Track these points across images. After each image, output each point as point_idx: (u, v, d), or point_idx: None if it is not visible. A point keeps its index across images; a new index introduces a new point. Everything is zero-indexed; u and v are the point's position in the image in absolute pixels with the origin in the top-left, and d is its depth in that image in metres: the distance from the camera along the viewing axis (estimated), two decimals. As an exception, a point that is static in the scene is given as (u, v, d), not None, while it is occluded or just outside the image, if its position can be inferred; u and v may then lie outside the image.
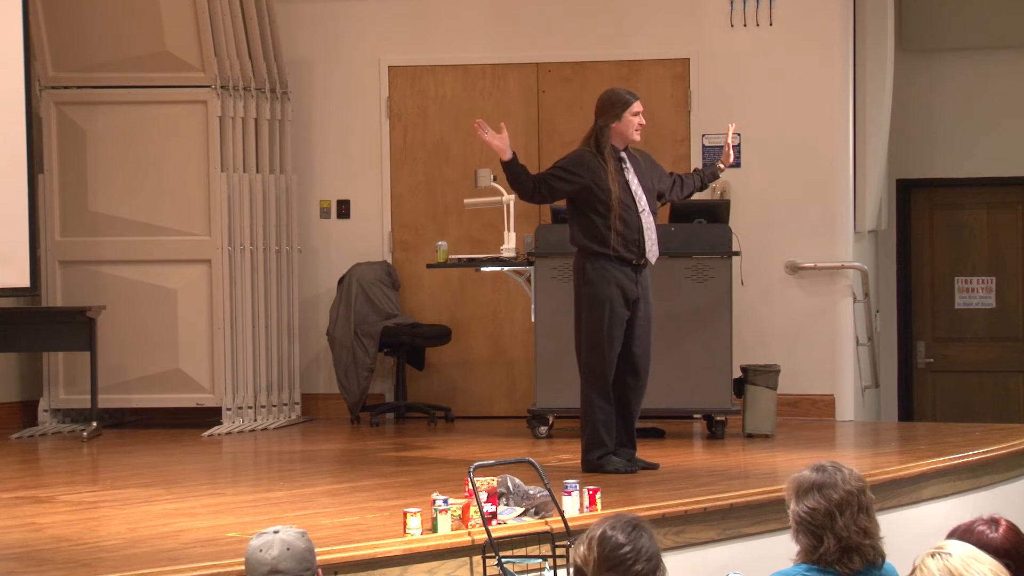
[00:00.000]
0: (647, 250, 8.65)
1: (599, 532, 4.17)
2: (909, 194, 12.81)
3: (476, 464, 6.62)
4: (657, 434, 10.28)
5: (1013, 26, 12.45)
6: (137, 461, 9.72)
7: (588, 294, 8.63)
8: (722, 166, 9.14)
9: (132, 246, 11.10)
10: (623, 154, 8.73)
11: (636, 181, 8.69)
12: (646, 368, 8.73)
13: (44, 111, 11.12)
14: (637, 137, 8.73)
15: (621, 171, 8.67)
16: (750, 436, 10.15)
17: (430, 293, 11.91)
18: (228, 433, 10.85)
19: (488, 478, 6.76)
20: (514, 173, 8.70)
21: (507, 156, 8.61)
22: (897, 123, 12.17)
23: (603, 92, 8.86)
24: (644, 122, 8.76)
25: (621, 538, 4.14)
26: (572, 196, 8.70)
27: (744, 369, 10.33)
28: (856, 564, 4.62)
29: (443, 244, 10.95)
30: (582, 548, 4.18)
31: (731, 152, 9.13)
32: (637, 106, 8.71)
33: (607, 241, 8.58)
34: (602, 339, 8.57)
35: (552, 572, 6.52)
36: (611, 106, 8.73)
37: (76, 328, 10.64)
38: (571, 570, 4.85)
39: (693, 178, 9.11)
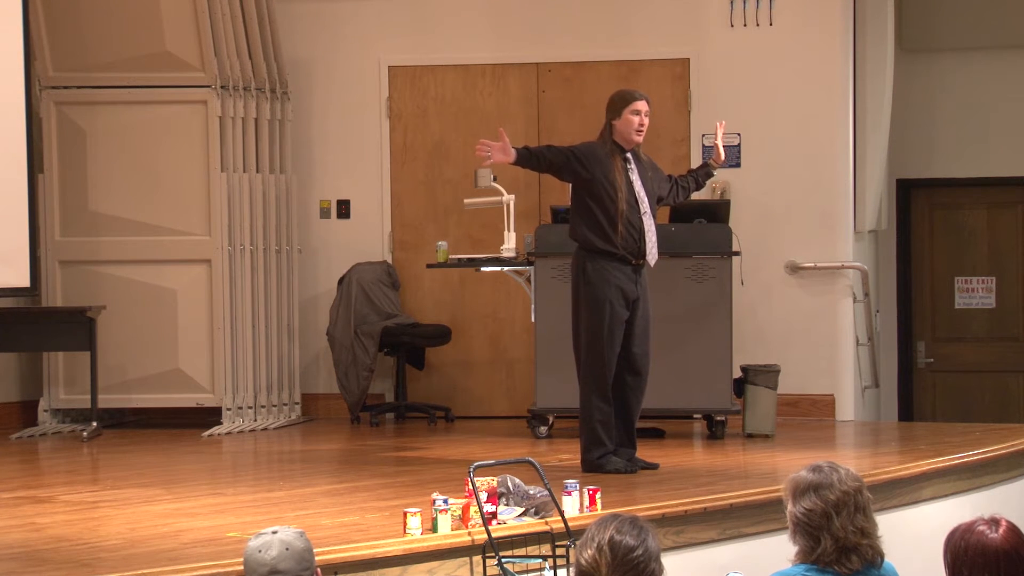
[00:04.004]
0: (647, 252, 8.65)
1: (607, 537, 4.15)
2: (909, 194, 12.81)
3: (476, 464, 6.61)
4: (657, 434, 10.28)
5: (1013, 26, 12.45)
6: (137, 461, 9.71)
7: (588, 294, 8.62)
8: (714, 163, 9.15)
9: (132, 246, 11.10)
10: (628, 155, 8.72)
11: (640, 183, 8.68)
12: (646, 368, 8.73)
13: (44, 111, 11.12)
14: (636, 138, 8.66)
15: (626, 171, 8.66)
16: (750, 436, 10.16)
17: (430, 293, 11.91)
18: (228, 433, 10.85)
19: (488, 478, 6.75)
20: (530, 166, 8.72)
21: (512, 159, 8.60)
22: (897, 123, 12.17)
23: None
24: (645, 123, 8.66)
25: (631, 541, 4.14)
26: (577, 188, 8.70)
27: (744, 369, 10.33)
28: (855, 564, 4.61)
29: (443, 244, 10.95)
30: (589, 551, 4.16)
31: (721, 151, 9.14)
32: (638, 105, 8.66)
33: (610, 238, 8.56)
34: (602, 340, 8.56)
35: (552, 572, 6.52)
36: (614, 103, 8.73)
37: (76, 328, 10.64)
38: (572, 571, 4.84)
39: (688, 180, 9.11)
